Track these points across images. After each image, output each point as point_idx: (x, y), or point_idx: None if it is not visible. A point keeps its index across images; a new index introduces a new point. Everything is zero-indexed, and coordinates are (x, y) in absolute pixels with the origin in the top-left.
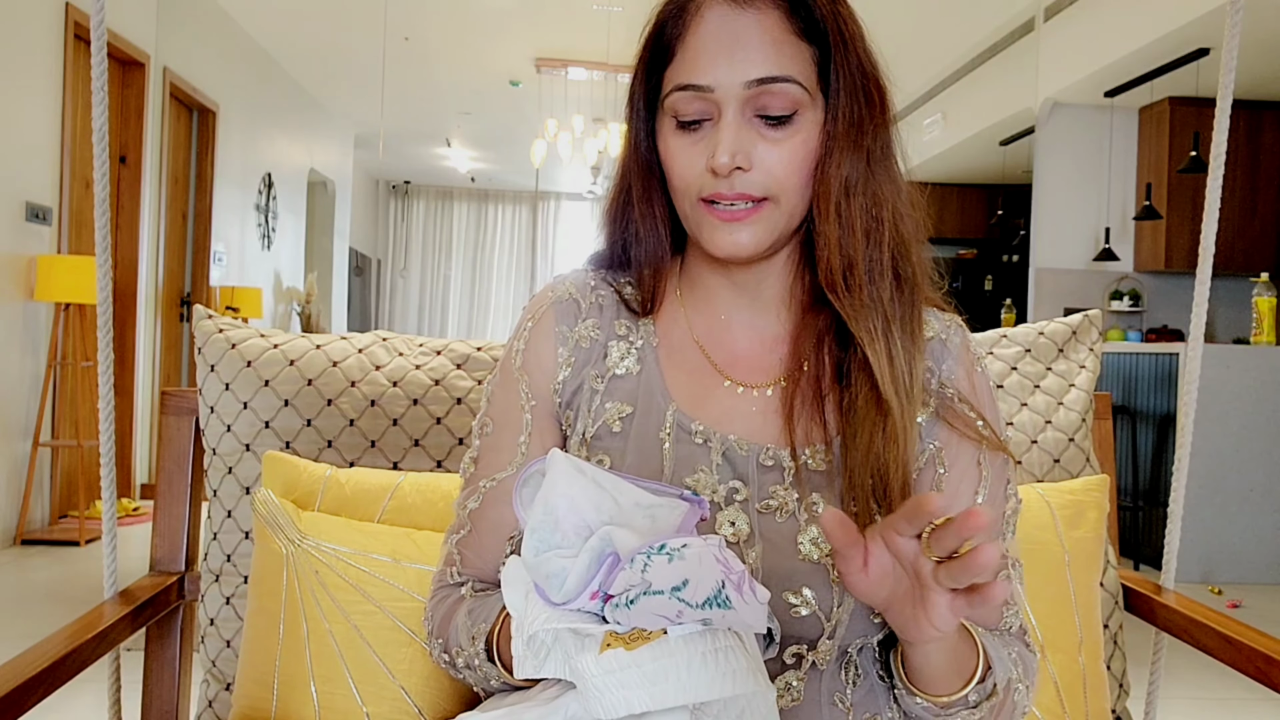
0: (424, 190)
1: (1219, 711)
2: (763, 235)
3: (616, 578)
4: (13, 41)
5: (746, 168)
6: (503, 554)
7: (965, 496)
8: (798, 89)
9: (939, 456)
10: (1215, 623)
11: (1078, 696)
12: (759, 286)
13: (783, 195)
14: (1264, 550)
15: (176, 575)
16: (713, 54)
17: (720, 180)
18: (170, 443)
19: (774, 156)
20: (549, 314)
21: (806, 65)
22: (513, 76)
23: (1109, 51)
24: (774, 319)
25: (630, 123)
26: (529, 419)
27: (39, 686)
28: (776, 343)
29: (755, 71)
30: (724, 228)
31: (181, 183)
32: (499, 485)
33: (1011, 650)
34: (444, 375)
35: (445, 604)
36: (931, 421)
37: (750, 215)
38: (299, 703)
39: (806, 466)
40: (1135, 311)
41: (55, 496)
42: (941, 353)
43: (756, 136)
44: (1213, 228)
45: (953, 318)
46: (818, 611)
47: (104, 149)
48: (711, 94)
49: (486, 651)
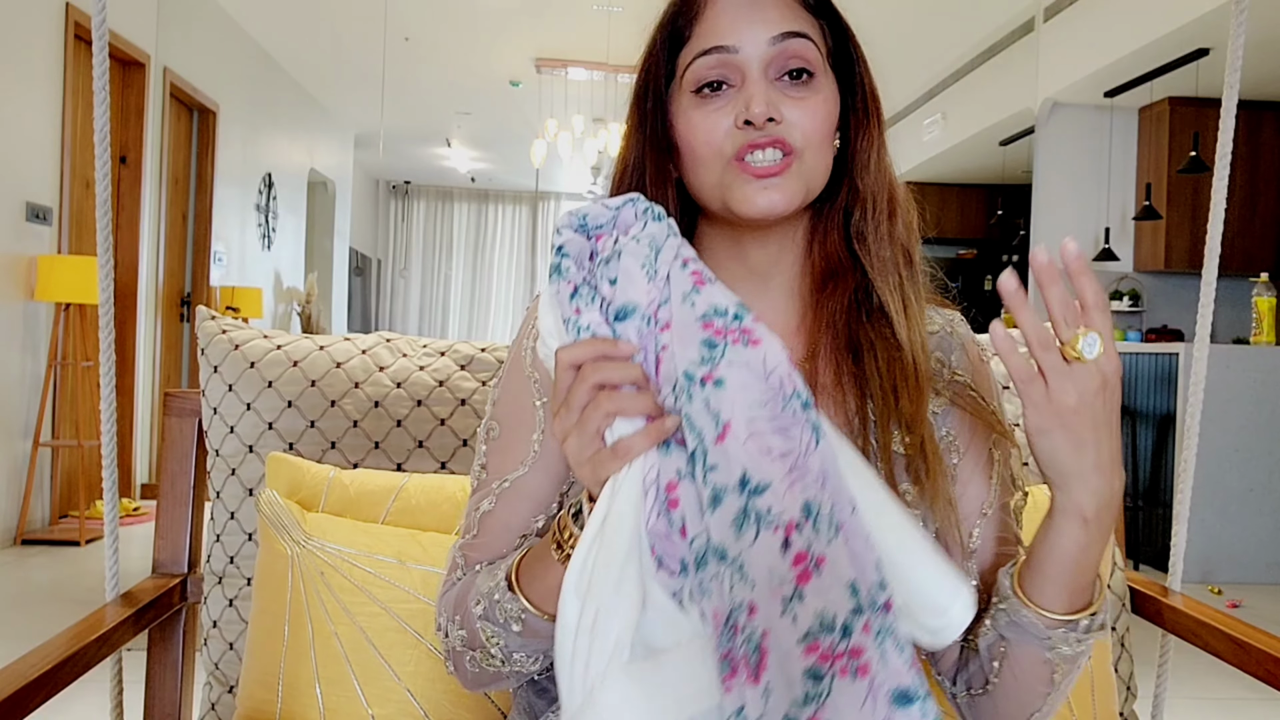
0: (424, 190)
1: (1226, 713)
2: (793, 192)
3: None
4: (13, 41)
5: (778, 119)
6: (513, 550)
7: (980, 483)
8: (815, 50)
9: (954, 445)
10: (1223, 625)
11: (1086, 699)
12: (772, 269)
13: (808, 151)
14: (1264, 550)
15: (179, 577)
16: (733, 17)
17: (753, 131)
18: (173, 444)
19: (799, 112)
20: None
21: (820, 35)
22: (513, 76)
23: (1109, 51)
24: (788, 304)
25: (640, 112)
26: (542, 415)
27: (41, 689)
28: (791, 329)
29: (777, 28)
30: (757, 184)
31: (181, 183)
32: (513, 486)
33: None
34: (448, 376)
35: (456, 587)
36: (946, 410)
37: (783, 169)
38: (304, 705)
39: None
40: (1135, 311)
41: (55, 496)
42: (949, 344)
43: (781, 96)
44: (1218, 228)
45: (954, 312)
46: None
47: (105, 149)
48: (736, 55)
49: (507, 584)
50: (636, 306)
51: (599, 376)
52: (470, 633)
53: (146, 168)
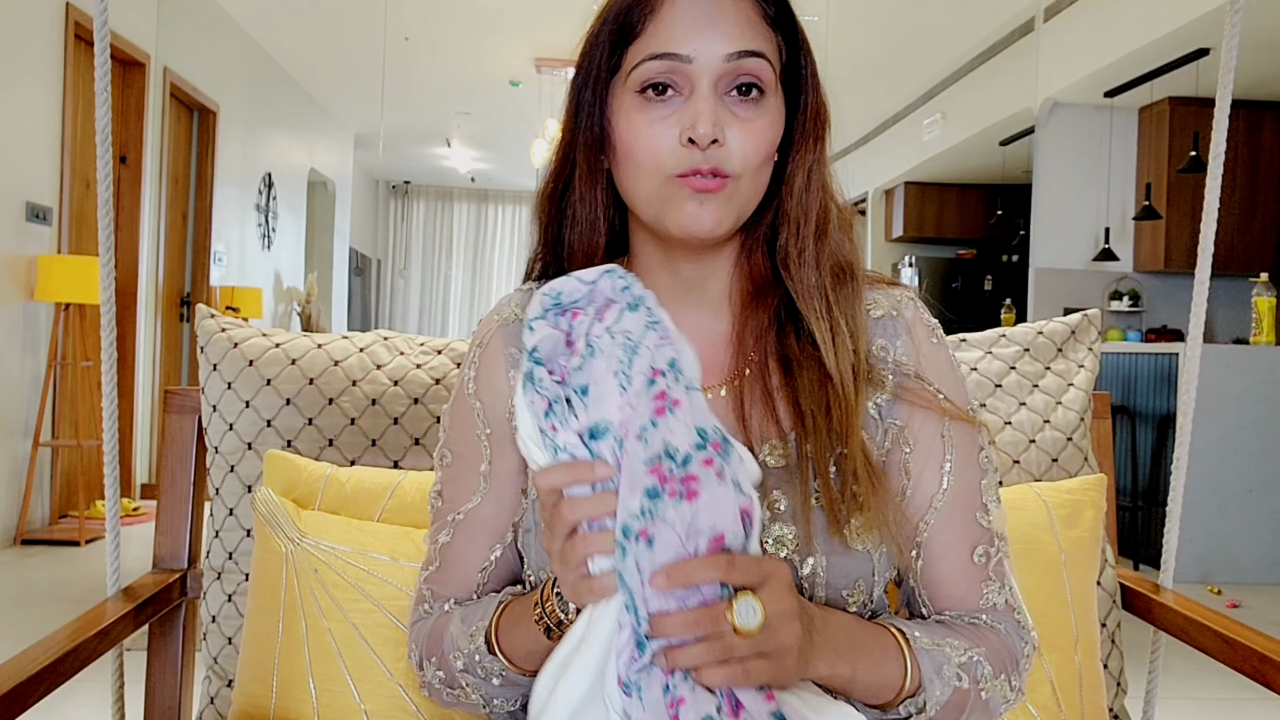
0: (424, 190)
1: (1216, 711)
2: (728, 214)
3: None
4: (13, 41)
5: (721, 142)
6: (475, 585)
7: (931, 472)
8: (769, 70)
9: (903, 435)
10: (1213, 622)
11: (1074, 695)
12: (704, 282)
13: (745, 176)
14: (1263, 550)
15: (179, 573)
16: (692, 25)
17: (696, 153)
18: (173, 441)
19: (743, 136)
20: (496, 337)
21: (775, 52)
22: (513, 76)
23: (1109, 51)
24: (718, 317)
25: (578, 101)
26: (487, 448)
27: (41, 683)
28: (723, 342)
29: (734, 45)
30: (695, 199)
31: (181, 183)
32: (467, 518)
33: (973, 653)
34: (445, 374)
35: (429, 622)
36: (891, 401)
37: (722, 188)
38: (298, 700)
39: (766, 464)
40: (1135, 311)
41: (55, 496)
42: (894, 328)
43: (728, 115)
44: (1212, 228)
45: (904, 291)
46: None
47: (107, 149)
48: (689, 65)
49: (486, 645)
50: (609, 426)
51: (575, 516)
52: (449, 676)
53: (146, 168)
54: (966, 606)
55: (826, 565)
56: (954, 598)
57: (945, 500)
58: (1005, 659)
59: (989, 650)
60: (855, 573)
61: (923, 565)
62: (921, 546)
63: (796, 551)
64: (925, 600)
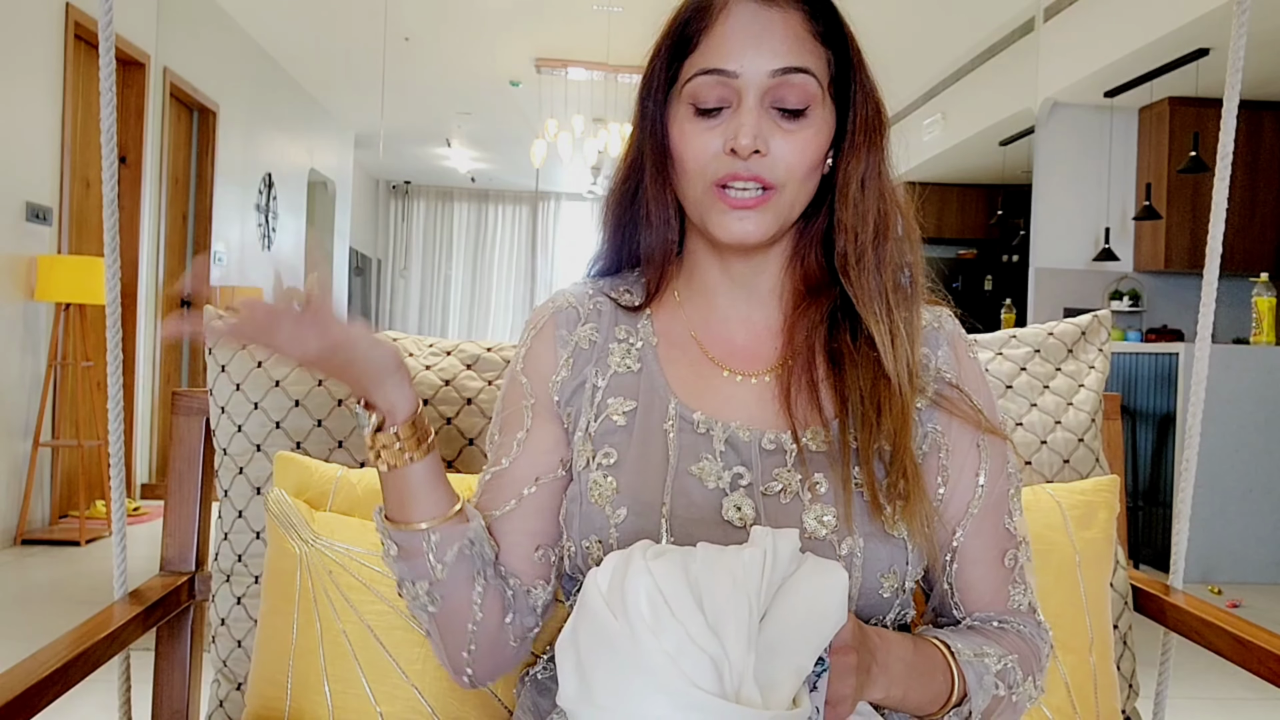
0: (424, 190)
1: (1227, 712)
2: (769, 224)
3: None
4: (13, 41)
5: (764, 152)
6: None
7: (967, 479)
8: (815, 85)
9: (941, 441)
10: (1225, 623)
11: (1088, 697)
12: (755, 279)
13: (789, 185)
14: (1264, 550)
15: (187, 575)
16: (740, 42)
17: (738, 162)
18: (181, 443)
19: (787, 147)
20: (550, 321)
21: (823, 66)
22: (513, 76)
23: (1109, 51)
24: (768, 311)
25: (644, 110)
26: (529, 416)
27: (51, 687)
28: (771, 334)
29: (780, 61)
30: (733, 214)
31: (181, 183)
32: (494, 478)
33: (1007, 660)
34: (454, 376)
35: None
36: (930, 407)
37: (759, 204)
38: (313, 703)
39: (808, 449)
40: (1135, 311)
41: (55, 496)
42: (936, 339)
43: (773, 126)
44: (1219, 228)
45: (942, 309)
46: None
47: (111, 150)
48: (735, 80)
49: (379, 516)
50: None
51: None
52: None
53: (146, 168)
54: (995, 608)
55: (864, 548)
56: (984, 600)
57: (980, 507)
58: (1031, 661)
59: (1020, 656)
60: (890, 559)
61: (957, 569)
62: (956, 551)
63: (835, 532)
64: (958, 603)
